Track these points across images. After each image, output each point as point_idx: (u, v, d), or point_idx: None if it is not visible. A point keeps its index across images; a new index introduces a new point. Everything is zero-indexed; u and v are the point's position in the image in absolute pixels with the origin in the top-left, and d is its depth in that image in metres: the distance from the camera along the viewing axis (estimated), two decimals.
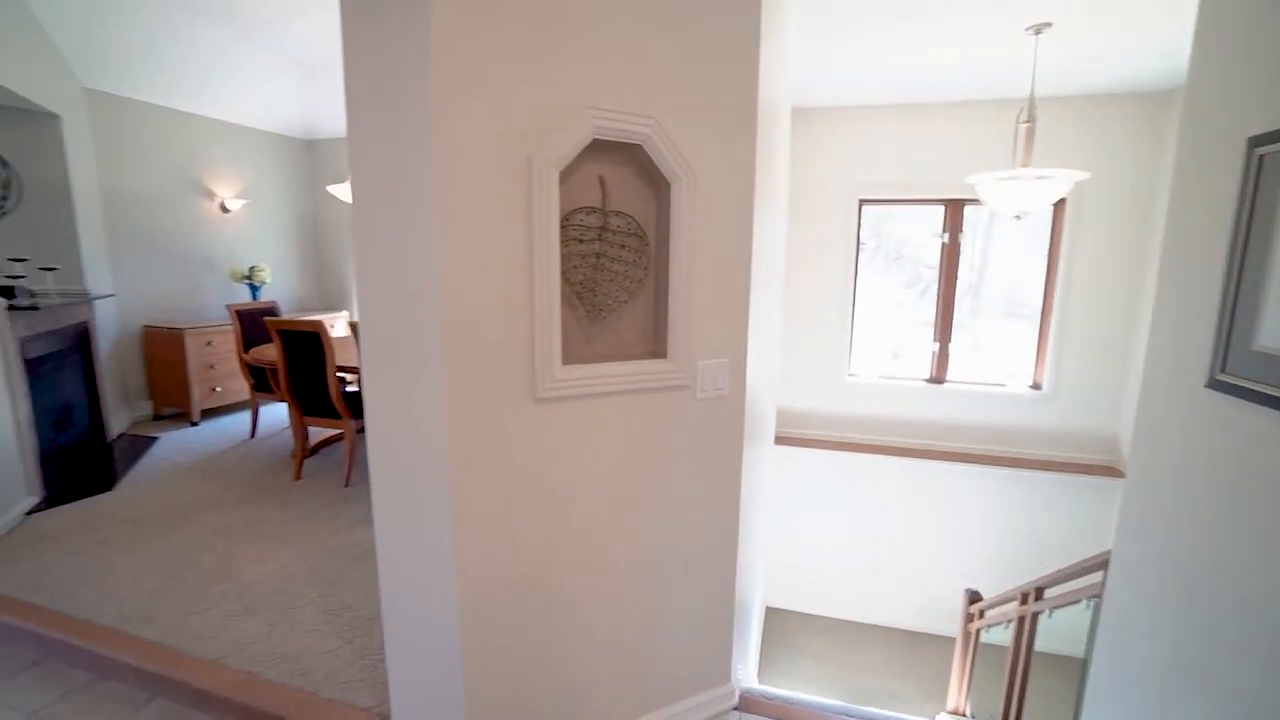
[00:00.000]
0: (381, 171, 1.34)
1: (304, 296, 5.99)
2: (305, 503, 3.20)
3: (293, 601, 2.32)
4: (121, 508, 3.13)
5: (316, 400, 3.37)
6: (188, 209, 4.93)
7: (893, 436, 5.17)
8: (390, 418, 1.44)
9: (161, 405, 4.74)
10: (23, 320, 3.10)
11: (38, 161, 3.81)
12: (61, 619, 2.18)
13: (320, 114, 5.47)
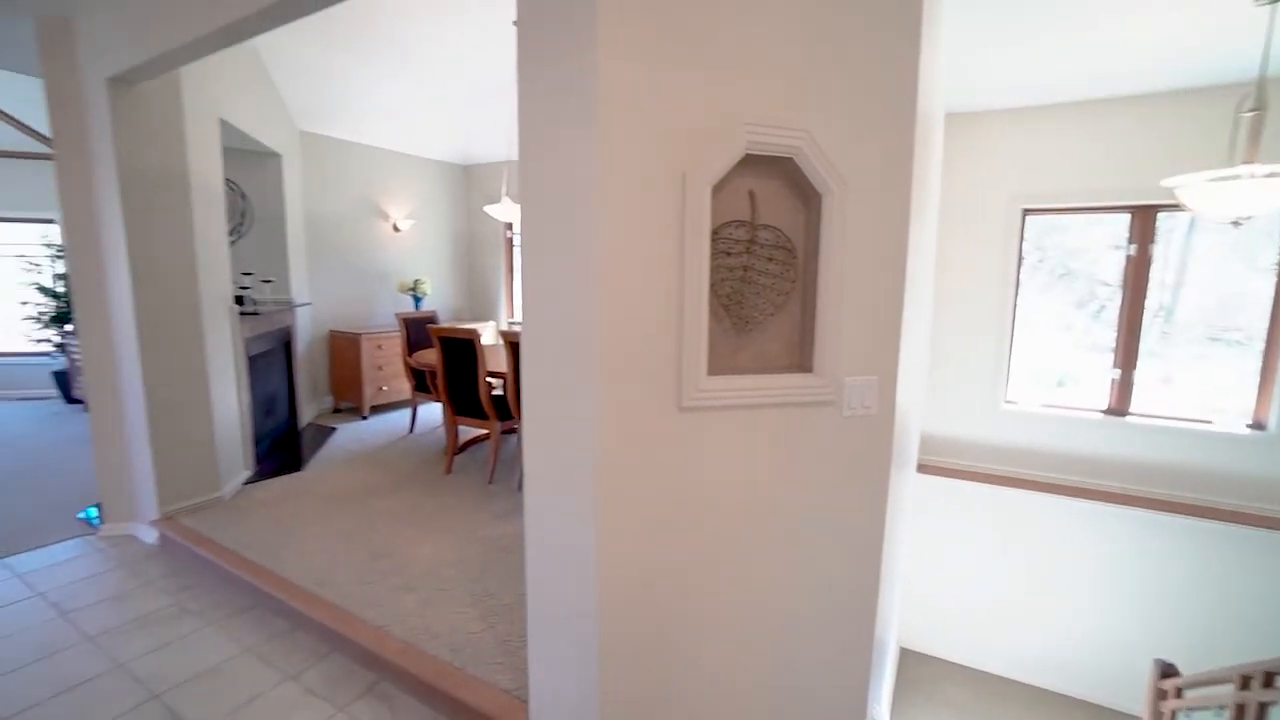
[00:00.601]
0: (548, 192, 1.46)
1: (457, 306, 6.58)
2: (454, 495, 3.50)
3: (443, 584, 2.55)
4: (310, 487, 3.61)
5: (467, 401, 3.69)
6: (367, 229, 5.64)
7: (1058, 472, 4.61)
8: (546, 419, 1.54)
9: (340, 400, 5.43)
10: (247, 323, 3.71)
11: (263, 193, 4.57)
12: (268, 574, 2.57)
13: (476, 143, 6.02)
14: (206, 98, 3.35)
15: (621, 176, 1.34)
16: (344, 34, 4.00)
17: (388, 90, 4.89)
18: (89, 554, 2.99)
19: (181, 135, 3.09)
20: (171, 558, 2.94)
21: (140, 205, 2.93)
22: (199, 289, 3.19)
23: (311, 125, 5.03)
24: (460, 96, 5.08)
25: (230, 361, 3.50)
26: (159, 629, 2.38)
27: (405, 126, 5.48)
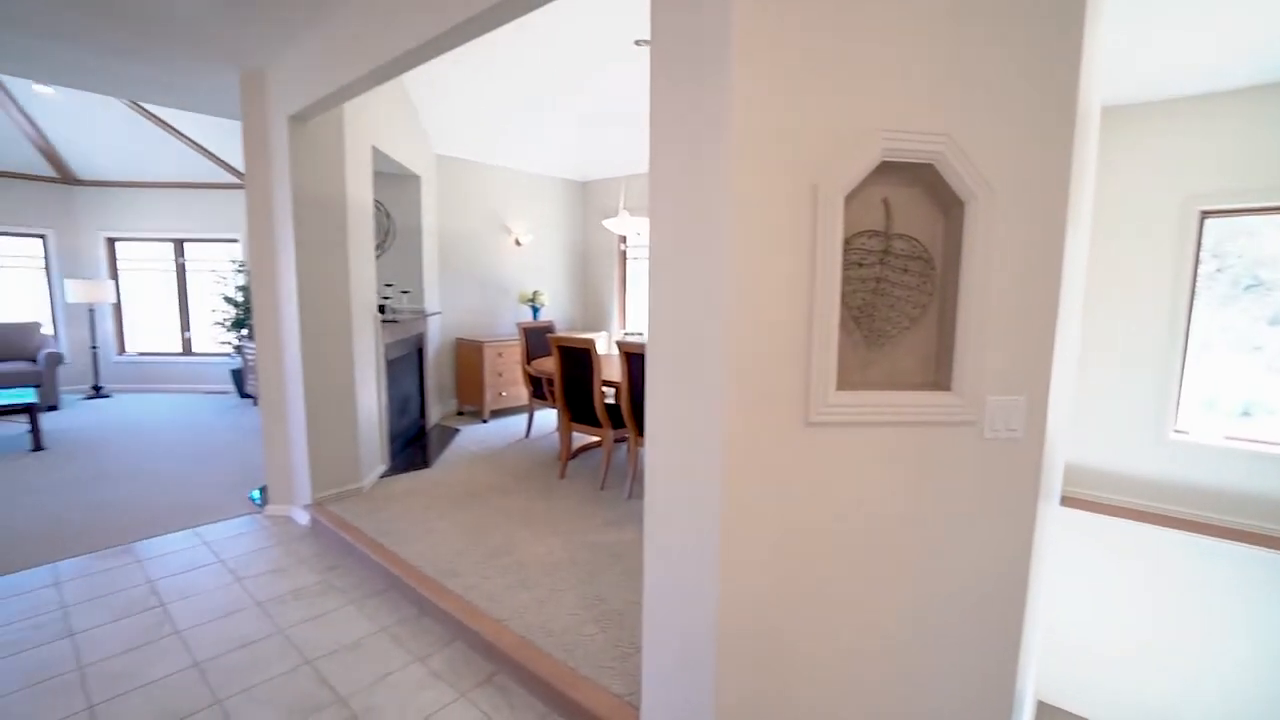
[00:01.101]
0: (677, 204, 1.47)
1: (572, 317, 6.84)
2: (568, 499, 3.62)
3: (557, 584, 2.63)
4: (437, 483, 3.89)
5: (582, 409, 3.81)
6: (492, 244, 6.01)
7: (1239, 515, 3.97)
8: (669, 430, 1.55)
9: (463, 404, 5.81)
10: (388, 331, 4.08)
11: (404, 212, 5.03)
12: (401, 562, 2.79)
13: (594, 160, 6.25)
14: (362, 128, 3.74)
15: (751, 187, 1.33)
16: (477, 61, 4.32)
17: (515, 113, 5.21)
18: (255, 530, 3.40)
19: (342, 162, 3.47)
20: (320, 539, 3.28)
21: (307, 225, 3.32)
22: (350, 299, 3.55)
23: (446, 149, 5.47)
24: (581, 116, 5.31)
25: (373, 365, 3.86)
26: (310, 602, 2.65)
27: (529, 147, 5.81)
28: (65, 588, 2.77)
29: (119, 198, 7.06)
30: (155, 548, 3.17)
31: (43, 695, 2.07)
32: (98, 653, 2.29)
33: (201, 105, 4.08)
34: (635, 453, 3.66)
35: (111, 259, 7.21)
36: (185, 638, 2.39)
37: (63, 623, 2.49)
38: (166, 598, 2.68)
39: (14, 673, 2.18)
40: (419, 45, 2.31)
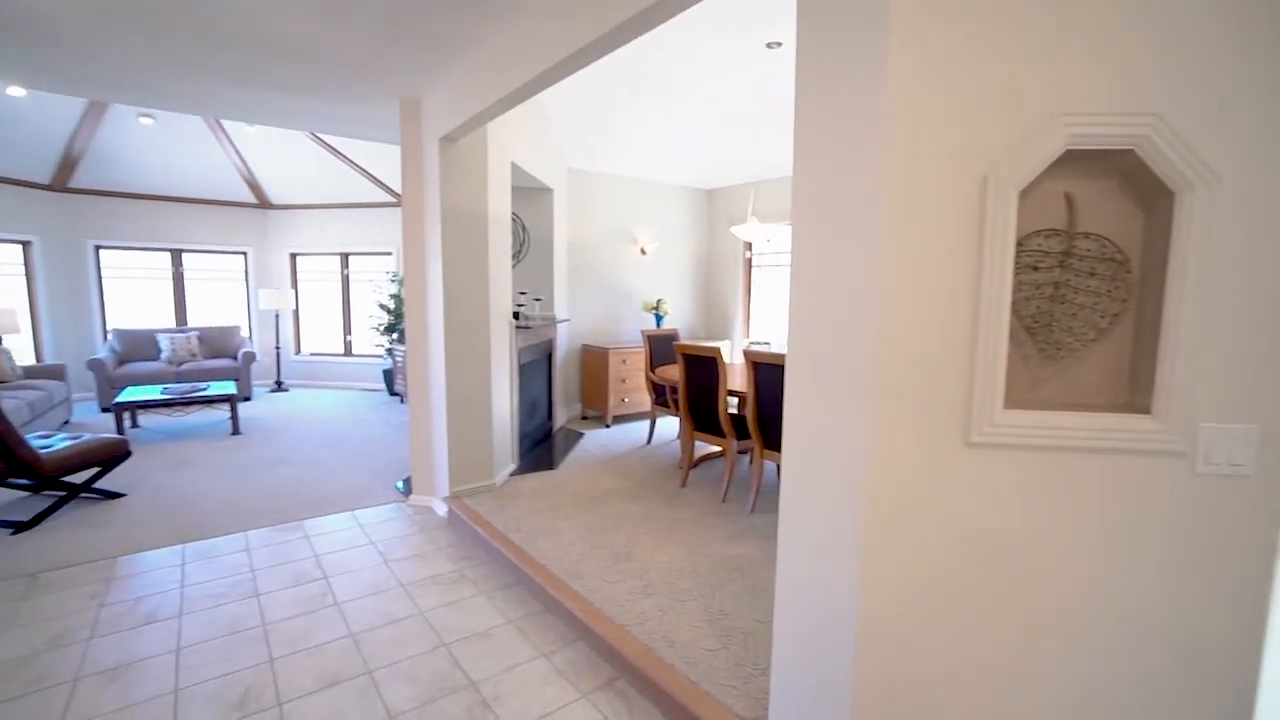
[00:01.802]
0: (823, 206, 1.39)
1: (694, 325, 6.83)
2: (689, 508, 3.58)
3: (680, 594, 2.60)
4: (562, 485, 4.02)
5: (706, 418, 3.77)
6: (618, 253, 6.16)
7: None
8: (810, 445, 1.47)
9: (587, 408, 5.98)
10: (520, 336, 4.30)
11: (537, 223, 5.29)
12: (529, 559, 2.90)
13: (720, 167, 6.21)
14: (503, 146, 3.99)
15: (909, 181, 1.22)
16: (608, 76, 4.45)
17: (643, 123, 5.31)
18: (400, 517, 3.71)
19: (484, 178, 3.72)
20: (456, 530, 3.50)
21: (452, 237, 3.59)
22: (488, 306, 3.78)
23: (578, 162, 5.69)
24: (709, 124, 5.30)
25: (507, 369, 4.08)
26: (446, 588, 2.83)
27: (656, 157, 5.90)
28: (254, 554, 3.17)
29: (301, 218, 8.10)
30: (320, 526, 3.55)
31: (238, 643, 2.38)
32: (276, 614, 2.60)
33: (367, 133, 4.56)
34: (760, 466, 3.55)
35: (293, 271, 8.28)
36: (343, 609, 2.64)
37: (251, 584, 2.86)
38: (329, 571, 2.99)
39: (218, 621, 2.54)
40: (555, 64, 2.41)
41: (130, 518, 3.62)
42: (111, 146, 6.63)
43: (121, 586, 2.84)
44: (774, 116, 4.75)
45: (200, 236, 7.76)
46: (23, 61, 3.20)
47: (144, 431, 5.69)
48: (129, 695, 2.10)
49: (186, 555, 3.16)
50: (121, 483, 4.19)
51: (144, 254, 7.55)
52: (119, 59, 3.14)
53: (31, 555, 3.14)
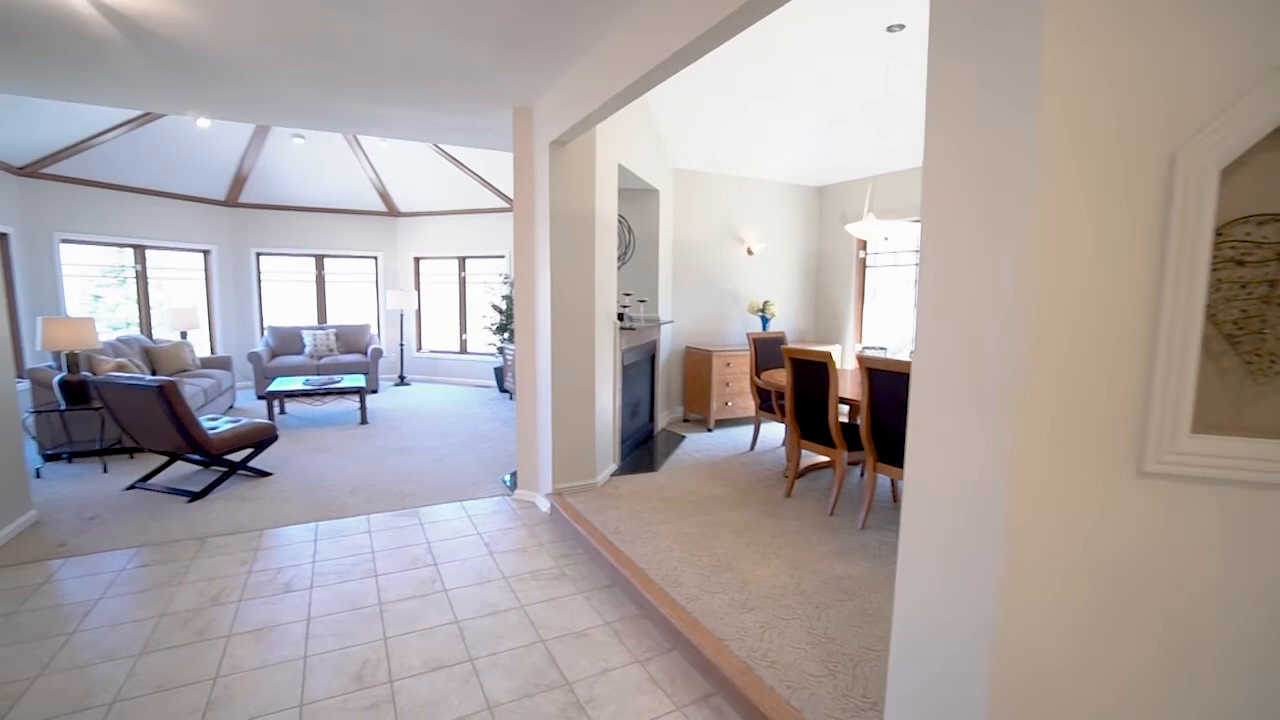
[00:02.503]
0: (960, 192, 1.23)
1: (802, 328, 6.56)
2: (794, 520, 3.41)
3: (782, 611, 2.46)
4: (662, 488, 3.98)
5: (815, 426, 3.57)
6: (724, 253, 6.04)
7: None
8: (939, 460, 1.31)
9: (689, 411, 5.91)
10: (624, 337, 4.31)
11: (643, 224, 5.30)
12: (628, 561, 2.88)
13: (831, 163, 5.91)
14: (610, 148, 4.02)
15: (1067, 160, 1.05)
16: (715, 73, 4.36)
17: (752, 121, 5.17)
18: (505, 511, 3.83)
19: (592, 181, 3.76)
20: (557, 527, 3.56)
21: (561, 239, 3.66)
22: (594, 307, 3.82)
23: (683, 162, 5.65)
24: (821, 118, 5.06)
25: (611, 369, 4.11)
26: (546, 584, 2.87)
27: (765, 155, 5.72)
28: (374, 536, 3.41)
29: (424, 224, 8.70)
30: (433, 514, 3.75)
31: (358, 619, 2.55)
32: (391, 595, 2.76)
33: (483, 141, 4.77)
34: (873, 480, 3.31)
35: (416, 274, 8.91)
36: (450, 596, 2.76)
37: (371, 564, 3.06)
38: (439, 558, 3.14)
39: (342, 596, 2.74)
40: (663, 61, 2.37)
41: (276, 495, 4.02)
42: (271, 165, 7.47)
43: (266, 556, 3.14)
44: (894, 106, 4.44)
45: (339, 243, 8.56)
46: (210, 97, 3.66)
47: (289, 418, 6.34)
48: (269, 656, 2.30)
49: (319, 532, 3.45)
50: (270, 463, 4.68)
51: (294, 259, 8.44)
52: (281, 88, 3.50)
53: (201, 521, 3.57)
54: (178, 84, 3.46)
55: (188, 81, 3.41)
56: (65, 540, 3.33)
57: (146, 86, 3.50)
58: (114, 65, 3.16)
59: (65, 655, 2.32)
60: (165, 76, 3.33)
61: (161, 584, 2.86)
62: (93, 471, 4.49)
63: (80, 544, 3.28)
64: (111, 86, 3.51)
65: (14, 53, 3.00)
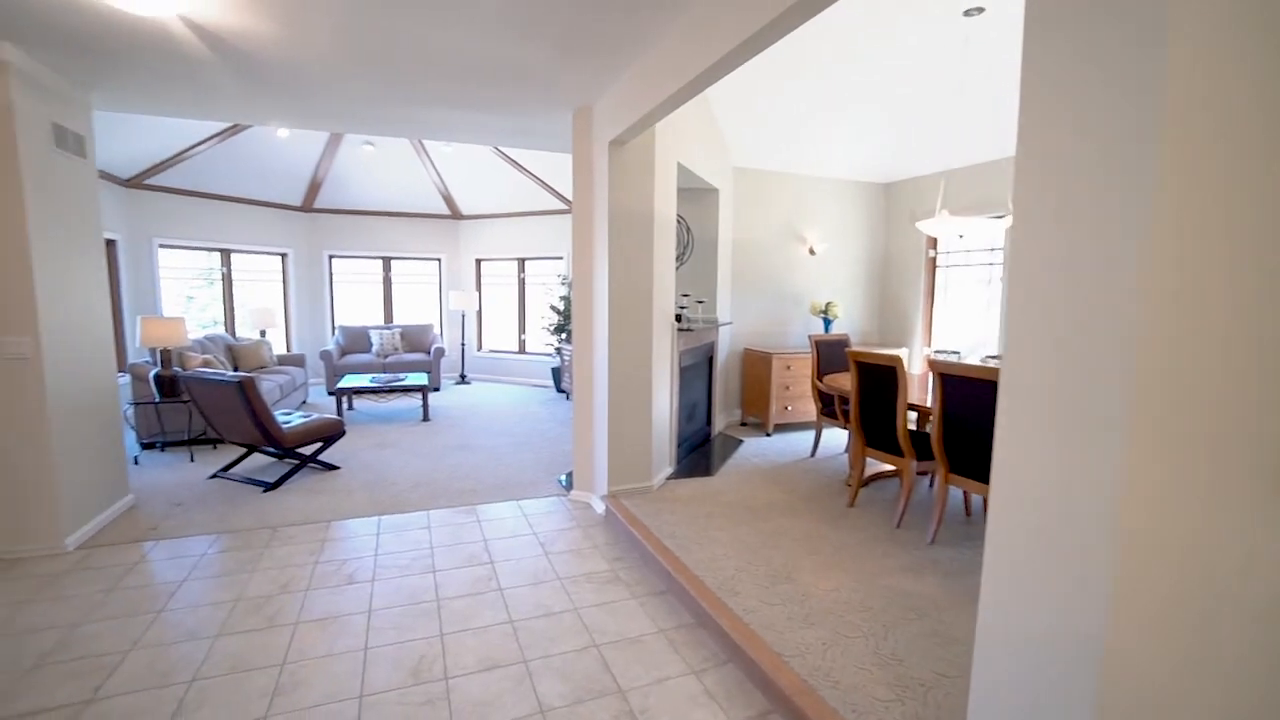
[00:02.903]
0: (1061, 183, 1.11)
1: (866, 330, 6.31)
2: (857, 531, 3.25)
3: (846, 629, 2.33)
4: (719, 493, 3.89)
5: (881, 433, 3.40)
6: (785, 253, 5.88)
7: None
8: (1032, 472, 1.18)
9: (747, 415, 5.78)
10: (682, 338, 4.25)
11: (702, 224, 5.22)
12: (684, 568, 2.81)
13: (899, 159, 5.65)
14: (670, 147, 3.97)
15: (1199, 158, 0.91)
16: (778, 69, 4.24)
17: (815, 117, 5.00)
18: (561, 511, 3.83)
19: (651, 180, 3.71)
20: (612, 529, 3.53)
21: (619, 239, 3.63)
22: (652, 308, 3.77)
23: (744, 161, 5.53)
24: (888, 111, 4.85)
25: (668, 371, 4.05)
26: (600, 588, 2.84)
27: (828, 152, 5.54)
28: (434, 531, 3.47)
29: (486, 227, 8.90)
30: (490, 512, 3.79)
31: (416, 614, 2.59)
32: (448, 591, 2.79)
33: (542, 143, 4.80)
34: (944, 492, 3.11)
35: (478, 275, 9.12)
36: (505, 595, 2.77)
37: (430, 560, 3.12)
38: (494, 556, 3.16)
39: (402, 590, 2.79)
40: (722, 57, 2.31)
41: (342, 488, 4.17)
42: (343, 172, 7.81)
43: (332, 548, 3.25)
44: (970, 96, 4.19)
45: (405, 245, 8.87)
46: (288, 107, 3.83)
47: (357, 414, 6.60)
48: (332, 645, 2.37)
49: (381, 526, 3.54)
50: (338, 457, 4.86)
51: (363, 261, 8.81)
52: (351, 96, 3.62)
53: (274, 511, 3.73)
54: (259, 96, 3.63)
55: (267, 93, 3.58)
56: (156, 524, 3.55)
57: (231, 99, 3.70)
58: (204, 81, 3.35)
59: (153, 632, 2.45)
60: (247, 89, 3.51)
61: (237, 570, 2.99)
62: (182, 460, 4.79)
63: (169, 528, 3.49)
64: (202, 101, 3.73)
65: (121, 73, 3.22)
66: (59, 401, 3.21)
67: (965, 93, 4.09)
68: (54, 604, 2.69)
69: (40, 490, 3.16)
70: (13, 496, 3.13)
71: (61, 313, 3.26)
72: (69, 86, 3.38)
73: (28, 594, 2.78)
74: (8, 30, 2.81)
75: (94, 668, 2.24)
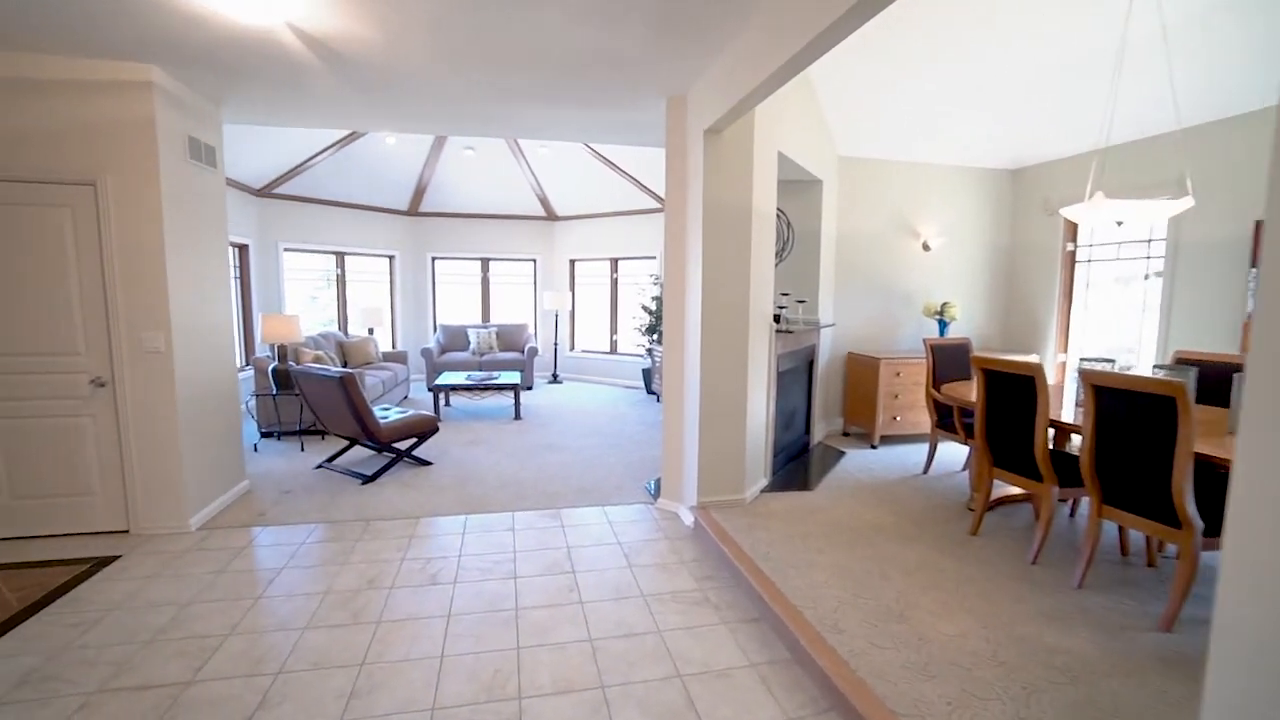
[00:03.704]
0: None
1: (985, 335, 5.66)
2: (983, 565, 2.82)
3: (975, 687, 1.97)
4: (818, 510, 3.55)
5: (1013, 452, 2.95)
6: (895, 249, 5.39)
7: None
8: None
9: (850, 424, 5.34)
10: (780, 340, 3.94)
11: (802, 218, 4.87)
12: (779, 596, 2.53)
13: (1031, 142, 5.00)
14: (770, 135, 3.68)
15: None
16: (887, 46, 3.83)
17: (930, 97, 4.51)
18: (647, 520, 3.65)
19: (750, 170, 3.45)
20: (700, 543, 3.29)
21: (715, 234, 3.40)
22: (749, 308, 3.51)
23: (850, 149, 5.11)
24: (1019, 85, 4.27)
25: (765, 375, 3.76)
26: (686, 610, 2.62)
27: (946, 135, 5.00)
28: (517, 534, 3.40)
29: (579, 227, 8.94)
30: (575, 517, 3.68)
31: (494, 623, 2.49)
32: (528, 599, 2.69)
33: (633, 137, 4.64)
34: (1097, 526, 2.62)
35: (571, 275, 9.18)
36: (585, 609, 2.62)
37: (511, 565, 3.03)
38: (577, 566, 3.03)
39: (481, 596, 2.72)
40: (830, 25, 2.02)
41: (433, 484, 4.22)
42: (446, 176, 8.10)
43: (419, 545, 3.25)
44: (1134, 59, 3.57)
45: (502, 246, 9.09)
46: (390, 111, 3.93)
47: (452, 410, 6.78)
48: (410, 650, 2.31)
49: (468, 526, 3.52)
50: (431, 453, 4.97)
51: (462, 262, 9.11)
52: (448, 95, 3.64)
53: (369, 504, 3.83)
54: (362, 101, 3.73)
55: (369, 98, 3.67)
56: (265, 510, 3.74)
57: (338, 105, 3.83)
58: (312, 88, 3.48)
59: (250, 619, 2.52)
60: (351, 94, 3.61)
61: (330, 561, 3.06)
62: (294, 449, 5.08)
63: (275, 515, 3.66)
64: (313, 109, 3.89)
65: (244, 84, 3.41)
66: (186, 392, 3.44)
67: (1128, 57, 3.48)
68: (174, 581, 2.85)
69: (171, 474, 3.40)
70: (150, 478, 3.38)
71: (190, 311, 3.50)
72: (202, 101, 3.63)
73: (155, 569, 2.98)
74: (153, 53, 3.04)
75: (198, 648, 2.32)
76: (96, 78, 3.13)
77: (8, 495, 3.30)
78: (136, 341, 3.30)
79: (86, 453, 3.34)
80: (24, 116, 3.09)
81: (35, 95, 3.09)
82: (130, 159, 3.19)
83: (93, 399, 3.31)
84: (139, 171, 3.21)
